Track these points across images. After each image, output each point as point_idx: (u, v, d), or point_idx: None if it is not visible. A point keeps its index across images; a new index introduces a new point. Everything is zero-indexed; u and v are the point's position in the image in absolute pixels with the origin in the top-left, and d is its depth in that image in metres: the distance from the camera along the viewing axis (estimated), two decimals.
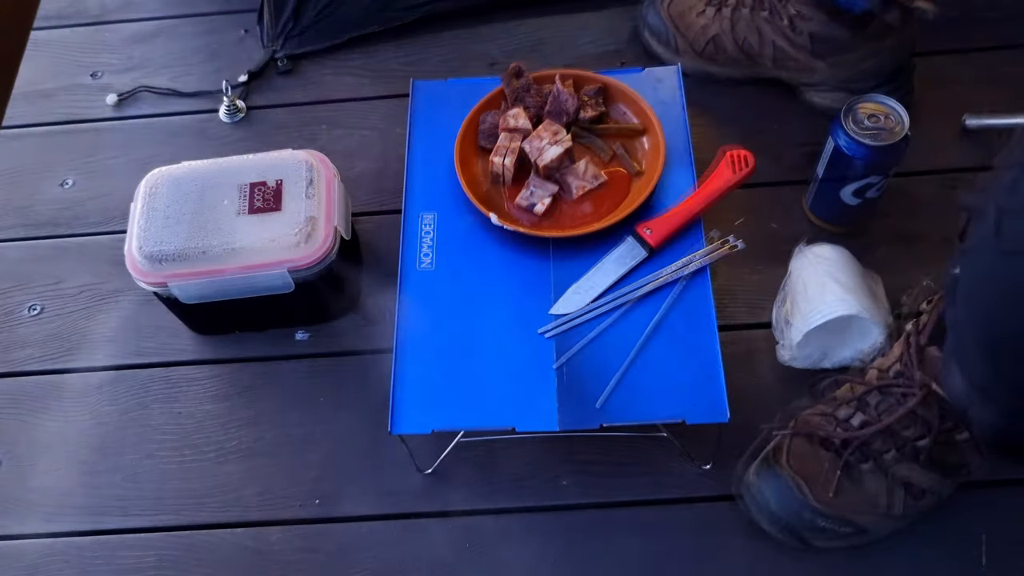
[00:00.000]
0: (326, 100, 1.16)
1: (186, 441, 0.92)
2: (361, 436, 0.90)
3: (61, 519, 0.89)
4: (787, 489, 0.77)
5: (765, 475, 0.79)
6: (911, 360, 0.76)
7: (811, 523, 0.77)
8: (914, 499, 0.77)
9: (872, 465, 0.77)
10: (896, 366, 0.78)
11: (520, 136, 0.91)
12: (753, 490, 0.80)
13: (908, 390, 0.75)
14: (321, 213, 0.91)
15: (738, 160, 0.88)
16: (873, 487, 0.77)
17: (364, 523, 0.86)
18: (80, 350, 0.99)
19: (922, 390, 0.74)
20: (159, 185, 0.93)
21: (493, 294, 0.86)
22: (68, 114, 1.18)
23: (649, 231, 0.86)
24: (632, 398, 0.79)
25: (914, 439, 0.75)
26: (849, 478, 0.77)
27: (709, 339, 0.81)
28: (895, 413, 0.75)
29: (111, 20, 1.28)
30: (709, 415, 0.77)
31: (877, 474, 0.77)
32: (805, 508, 0.77)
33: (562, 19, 1.20)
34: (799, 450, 0.78)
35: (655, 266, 0.86)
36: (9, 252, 1.07)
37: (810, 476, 0.77)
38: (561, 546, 0.83)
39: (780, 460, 0.78)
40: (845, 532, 0.78)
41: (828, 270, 0.87)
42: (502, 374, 0.81)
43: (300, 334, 0.97)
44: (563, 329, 0.83)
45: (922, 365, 0.75)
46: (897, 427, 0.75)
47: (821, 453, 0.78)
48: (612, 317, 0.83)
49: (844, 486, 0.77)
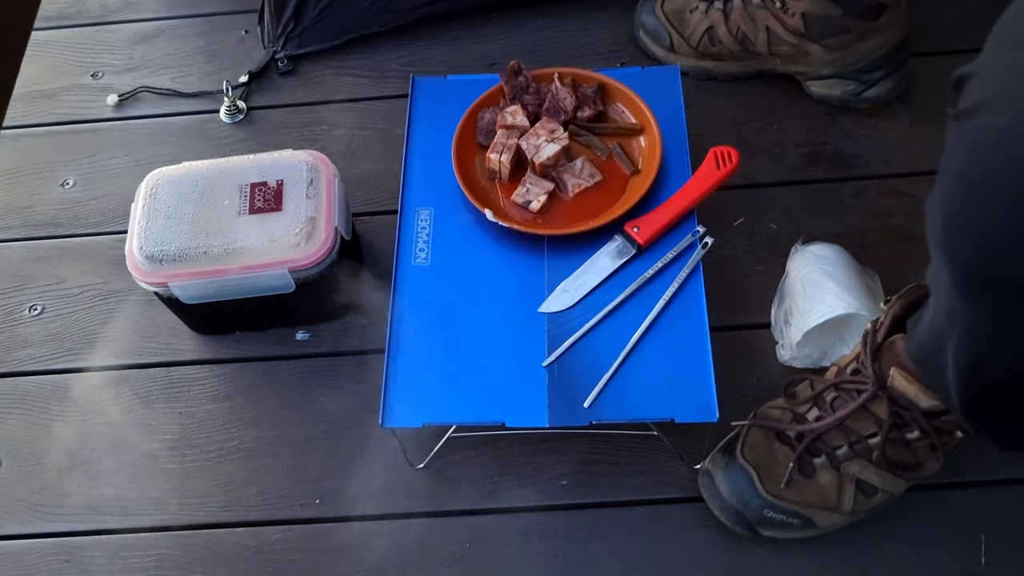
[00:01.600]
0: (326, 100, 1.16)
1: (187, 441, 0.92)
2: (361, 436, 0.90)
3: (61, 519, 0.89)
4: (740, 478, 0.79)
5: (720, 464, 0.80)
6: (866, 356, 0.77)
7: (759, 513, 0.78)
8: (865, 496, 0.78)
9: (824, 460, 0.78)
10: (853, 364, 0.79)
11: (517, 133, 0.92)
12: (707, 478, 0.81)
13: (862, 386, 0.76)
14: (321, 213, 0.91)
15: (722, 156, 0.89)
16: (824, 481, 0.78)
17: (364, 523, 0.86)
18: (81, 350, 0.99)
19: (874, 386, 0.75)
20: (160, 185, 0.94)
21: (486, 290, 0.86)
22: (69, 114, 1.18)
23: (637, 229, 0.87)
24: (622, 396, 0.79)
25: (866, 436, 0.76)
26: (801, 472, 0.78)
27: (700, 338, 0.81)
28: (847, 408, 0.76)
29: (112, 20, 1.28)
30: (699, 414, 0.78)
31: (829, 469, 0.78)
32: (755, 497, 0.78)
33: (562, 19, 1.20)
34: (755, 441, 0.80)
35: (645, 264, 0.86)
36: (10, 252, 1.07)
37: (763, 467, 0.78)
38: (560, 545, 0.83)
39: (735, 450, 0.80)
40: (793, 523, 0.79)
41: (826, 269, 0.87)
42: (494, 369, 0.81)
43: (300, 334, 0.97)
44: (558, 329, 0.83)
45: (877, 361, 0.76)
46: (850, 423, 0.77)
47: (776, 446, 0.79)
48: (604, 314, 0.84)
49: (795, 479, 0.78)
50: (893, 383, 0.74)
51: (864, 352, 0.77)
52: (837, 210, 1.00)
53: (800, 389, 0.82)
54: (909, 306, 0.78)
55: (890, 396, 0.75)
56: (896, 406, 0.75)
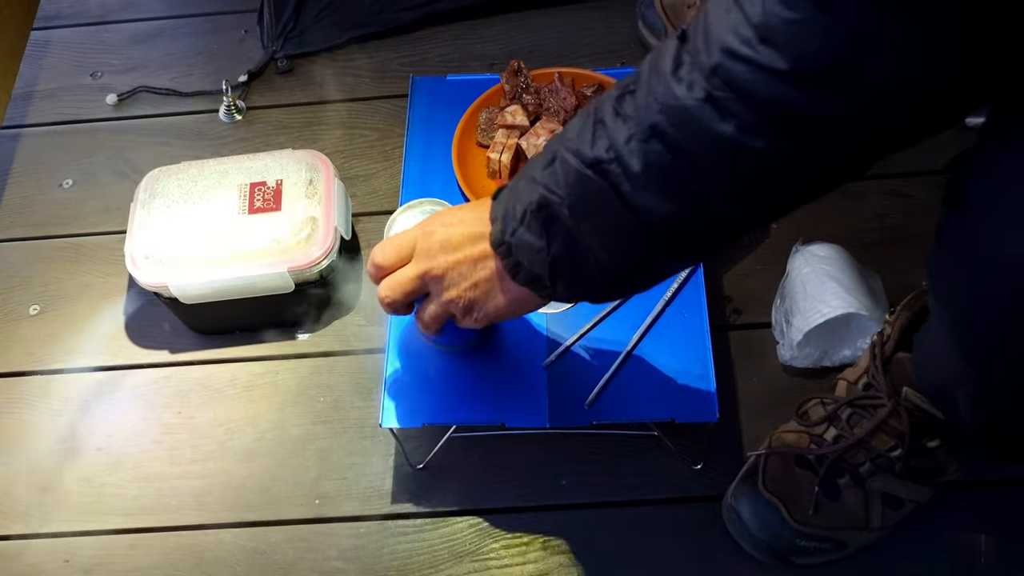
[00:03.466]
0: (326, 100, 1.16)
1: (186, 441, 0.92)
2: (361, 436, 0.90)
3: (61, 519, 0.89)
4: (767, 512, 0.77)
5: (742, 498, 0.79)
6: (878, 370, 0.76)
7: (791, 543, 0.77)
8: (892, 509, 0.77)
9: (848, 479, 0.77)
10: (864, 378, 0.78)
11: (517, 133, 0.92)
12: (733, 514, 0.79)
13: (877, 401, 0.76)
14: (321, 213, 0.91)
15: None
16: (851, 501, 0.77)
17: (363, 523, 0.86)
18: (80, 350, 0.99)
19: (891, 400, 0.75)
20: (159, 185, 0.94)
21: None
22: (68, 114, 1.18)
23: None
24: (622, 396, 0.79)
25: (888, 450, 0.75)
26: (826, 494, 0.77)
27: (701, 338, 0.81)
28: (867, 426, 0.75)
29: (111, 20, 1.28)
30: (699, 415, 0.77)
31: (854, 488, 0.77)
32: (785, 529, 0.77)
33: (562, 19, 1.20)
34: (775, 471, 0.78)
35: None
36: (9, 252, 1.07)
37: (787, 496, 0.77)
38: (560, 545, 0.83)
39: (757, 482, 0.78)
40: (826, 548, 0.78)
41: (827, 269, 0.87)
42: (493, 370, 0.81)
43: (300, 334, 0.97)
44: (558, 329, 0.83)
45: (888, 375, 0.76)
46: (870, 440, 0.76)
47: (797, 471, 0.78)
48: (604, 314, 0.83)
49: (822, 502, 0.76)
50: (908, 397, 0.74)
51: (874, 366, 0.77)
52: (837, 210, 1.00)
53: (812, 409, 0.81)
54: (915, 317, 0.78)
55: (907, 410, 0.74)
56: (914, 418, 0.74)
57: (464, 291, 0.65)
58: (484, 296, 0.65)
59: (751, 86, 0.48)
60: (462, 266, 0.65)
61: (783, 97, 0.47)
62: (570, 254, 0.59)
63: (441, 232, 0.66)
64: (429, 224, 0.67)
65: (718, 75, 0.49)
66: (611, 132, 0.54)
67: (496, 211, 0.64)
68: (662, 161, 0.53)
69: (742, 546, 0.79)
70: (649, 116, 0.52)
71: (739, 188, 0.53)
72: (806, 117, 0.48)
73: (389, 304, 0.68)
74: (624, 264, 0.60)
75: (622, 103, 0.55)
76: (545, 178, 0.59)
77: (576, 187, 0.57)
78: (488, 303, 0.65)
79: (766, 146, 0.49)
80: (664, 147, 0.52)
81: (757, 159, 0.50)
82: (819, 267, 0.88)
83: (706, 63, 0.49)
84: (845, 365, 0.87)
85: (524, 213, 0.60)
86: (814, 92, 0.47)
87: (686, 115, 0.51)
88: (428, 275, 0.66)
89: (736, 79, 0.48)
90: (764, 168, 0.51)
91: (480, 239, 0.64)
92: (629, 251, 0.59)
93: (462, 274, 0.65)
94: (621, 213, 0.55)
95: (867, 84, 0.47)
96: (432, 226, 0.67)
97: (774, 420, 0.83)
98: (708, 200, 0.54)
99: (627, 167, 0.54)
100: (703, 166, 0.52)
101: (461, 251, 0.65)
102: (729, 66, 0.48)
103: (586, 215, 0.57)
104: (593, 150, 0.55)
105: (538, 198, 0.59)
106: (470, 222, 0.65)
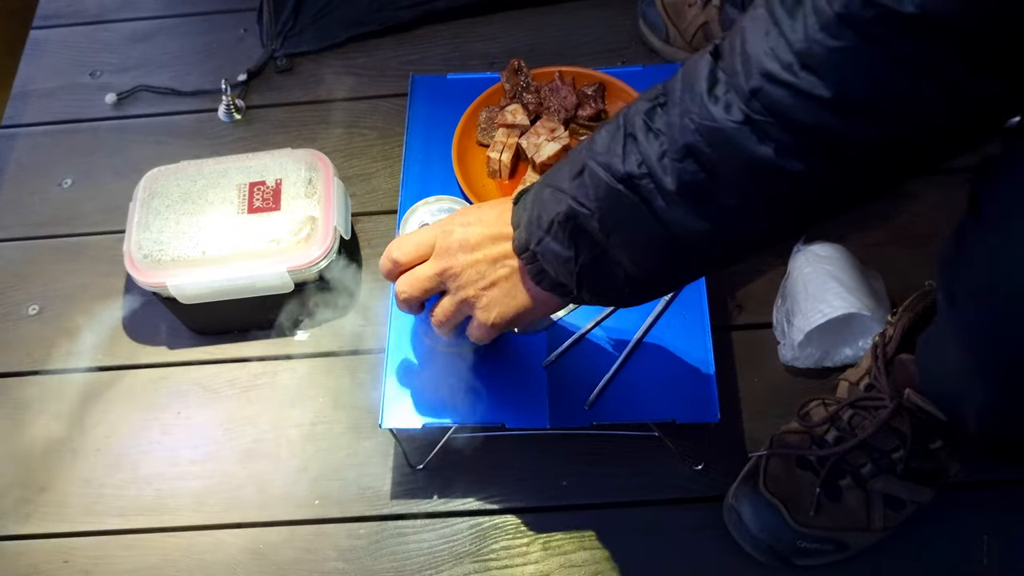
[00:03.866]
0: (326, 99, 1.15)
1: (186, 441, 0.92)
2: (360, 437, 0.90)
3: (61, 519, 0.88)
4: (768, 513, 0.77)
5: (743, 499, 0.79)
6: (880, 372, 0.76)
7: (792, 544, 0.77)
8: (894, 511, 0.77)
9: (850, 480, 0.77)
10: (866, 379, 0.78)
11: (518, 132, 0.91)
12: (734, 515, 0.79)
13: (879, 403, 0.75)
14: (320, 212, 0.90)
15: None
16: (852, 502, 0.76)
17: (363, 523, 0.86)
18: (79, 350, 0.98)
19: (893, 401, 0.74)
20: (158, 184, 0.93)
21: None
22: (67, 113, 1.18)
23: None
24: (623, 396, 0.79)
25: (889, 451, 0.75)
26: (828, 495, 0.77)
27: (702, 338, 0.81)
28: (869, 427, 0.75)
29: (110, 19, 1.27)
30: (700, 415, 0.77)
31: (855, 489, 0.76)
32: (786, 530, 0.76)
33: (562, 18, 1.19)
34: (776, 472, 0.78)
35: None
36: (8, 252, 1.07)
37: (789, 497, 0.77)
38: (561, 546, 0.83)
39: (758, 483, 0.78)
40: (827, 550, 0.77)
41: (828, 269, 0.87)
42: (493, 370, 0.81)
43: (300, 334, 0.97)
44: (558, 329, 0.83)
45: (890, 376, 0.76)
46: (872, 441, 0.75)
47: (798, 473, 0.78)
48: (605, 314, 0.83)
49: (823, 504, 0.76)
50: (910, 398, 0.74)
51: (876, 367, 0.76)
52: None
53: (813, 410, 0.81)
54: (917, 318, 0.77)
55: (909, 411, 0.74)
56: (916, 419, 0.74)
57: (481, 290, 0.66)
58: (502, 296, 0.65)
59: (791, 111, 0.48)
60: (480, 265, 0.65)
61: (824, 123, 0.48)
62: (598, 266, 0.60)
63: (460, 231, 0.66)
64: (448, 223, 0.68)
65: (757, 99, 0.49)
66: (643, 148, 0.55)
67: (518, 217, 0.64)
68: (696, 180, 0.53)
69: (743, 547, 0.79)
70: (684, 135, 0.53)
71: (774, 208, 0.54)
72: (846, 143, 0.48)
73: (405, 300, 0.68)
74: (651, 275, 0.60)
75: (653, 117, 0.55)
76: (574, 189, 0.59)
77: (606, 200, 0.57)
78: (506, 303, 0.65)
79: (804, 169, 0.50)
80: (699, 166, 0.53)
81: (794, 182, 0.51)
82: (820, 267, 0.87)
83: (744, 85, 0.50)
84: (847, 366, 0.87)
85: (551, 223, 0.60)
86: (855, 119, 0.48)
87: (723, 137, 0.51)
88: (446, 273, 0.66)
89: (776, 104, 0.48)
90: (801, 191, 0.52)
91: (500, 240, 0.65)
92: (658, 263, 0.59)
93: (480, 273, 0.65)
94: (652, 227, 0.56)
95: (908, 112, 0.47)
96: (451, 225, 0.67)
97: (775, 421, 0.83)
98: (740, 218, 0.54)
99: (660, 183, 0.54)
100: (738, 187, 0.53)
101: (480, 251, 0.65)
102: (769, 90, 0.48)
103: (616, 228, 0.58)
104: (625, 165, 0.56)
105: (566, 209, 0.59)
106: (489, 222, 0.66)
